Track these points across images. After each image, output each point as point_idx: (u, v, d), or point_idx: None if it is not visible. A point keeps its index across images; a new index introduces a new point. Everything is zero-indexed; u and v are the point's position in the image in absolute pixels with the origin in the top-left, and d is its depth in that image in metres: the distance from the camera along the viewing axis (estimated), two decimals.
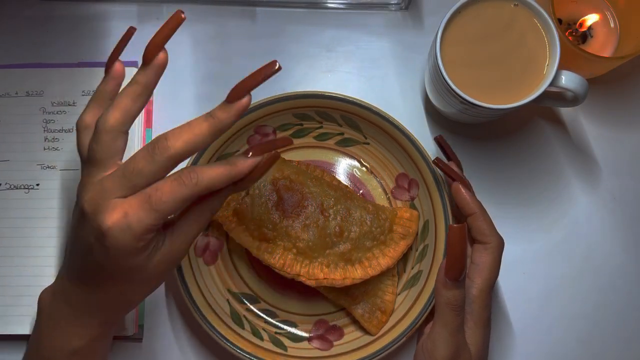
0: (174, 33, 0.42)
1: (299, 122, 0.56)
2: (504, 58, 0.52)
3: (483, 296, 0.48)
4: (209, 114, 0.40)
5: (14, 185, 0.57)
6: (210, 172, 0.40)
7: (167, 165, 0.39)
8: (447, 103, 0.53)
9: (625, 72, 0.59)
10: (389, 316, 0.54)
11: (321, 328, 0.55)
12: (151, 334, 0.56)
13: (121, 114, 0.40)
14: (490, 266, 0.48)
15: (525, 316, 0.57)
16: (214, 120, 0.40)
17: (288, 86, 0.59)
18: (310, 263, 0.51)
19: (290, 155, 0.57)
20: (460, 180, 0.51)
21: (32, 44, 0.60)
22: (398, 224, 0.54)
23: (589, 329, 0.57)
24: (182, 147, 0.39)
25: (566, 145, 0.59)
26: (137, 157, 0.39)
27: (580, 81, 0.50)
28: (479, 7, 0.52)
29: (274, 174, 0.53)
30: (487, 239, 0.49)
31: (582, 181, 0.58)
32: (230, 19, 0.60)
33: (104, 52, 0.60)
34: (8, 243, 0.56)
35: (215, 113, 0.40)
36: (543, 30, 0.51)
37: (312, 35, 0.60)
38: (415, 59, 0.60)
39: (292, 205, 0.52)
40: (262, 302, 0.55)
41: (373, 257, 0.52)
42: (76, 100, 0.57)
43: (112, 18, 0.60)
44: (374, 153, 0.57)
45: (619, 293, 0.57)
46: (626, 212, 0.58)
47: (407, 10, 0.60)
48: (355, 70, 0.60)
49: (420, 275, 0.54)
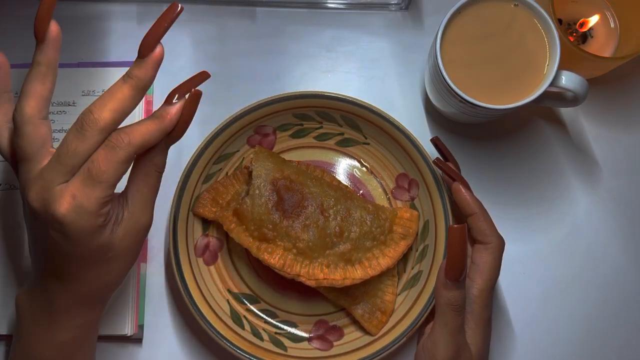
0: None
1: (299, 122, 0.56)
2: (504, 58, 0.52)
3: (484, 296, 0.48)
4: (126, 75, 0.40)
5: (14, 185, 0.57)
6: (141, 129, 0.39)
7: (99, 138, 0.39)
8: (447, 103, 0.53)
9: (625, 72, 0.59)
10: (389, 316, 0.54)
11: (321, 328, 0.55)
12: (151, 334, 0.56)
13: (35, 101, 0.40)
14: (491, 266, 0.48)
15: (525, 316, 0.57)
16: (133, 80, 0.39)
17: (288, 86, 0.59)
18: (310, 263, 0.51)
19: (290, 156, 0.57)
20: (460, 181, 0.51)
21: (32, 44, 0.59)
22: (398, 224, 0.54)
23: (589, 328, 0.57)
24: (110, 116, 0.39)
25: (566, 145, 0.59)
26: (68, 138, 0.39)
27: (580, 81, 0.50)
28: (479, 7, 0.52)
29: (274, 174, 0.53)
30: (488, 239, 0.49)
31: (582, 181, 0.58)
32: (230, 19, 0.60)
33: (104, 52, 0.60)
34: (8, 243, 0.56)
35: (132, 72, 0.40)
36: (543, 31, 0.51)
37: (312, 35, 0.60)
38: (415, 59, 0.60)
39: (292, 206, 0.52)
40: (262, 302, 0.55)
41: (373, 257, 0.52)
42: (76, 100, 0.57)
43: (112, 18, 0.60)
44: (374, 153, 0.57)
45: (619, 293, 0.57)
46: (626, 212, 0.58)
47: (407, 10, 0.60)
48: (355, 70, 0.60)
49: (421, 275, 0.54)
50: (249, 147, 0.56)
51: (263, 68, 0.59)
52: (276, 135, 0.57)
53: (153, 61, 0.40)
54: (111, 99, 0.39)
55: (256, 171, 0.52)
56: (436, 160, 0.51)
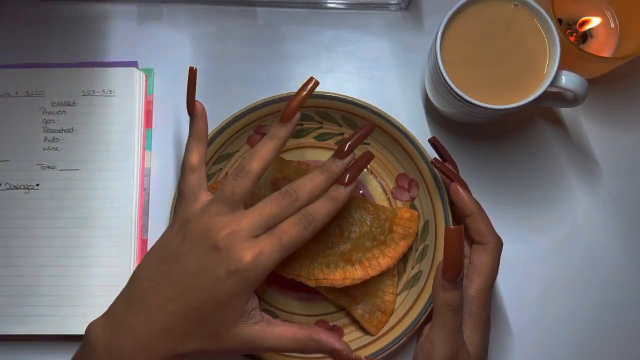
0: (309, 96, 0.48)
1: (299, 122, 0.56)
2: (504, 58, 0.52)
3: (482, 296, 0.48)
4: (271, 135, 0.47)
5: (14, 185, 0.57)
6: (322, 211, 0.46)
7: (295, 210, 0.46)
8: (447, 103, 0.53)
9: (625, 72, 0.59)
10: (389, 316, 0.54)
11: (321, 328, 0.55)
12: None
13: (261, 164, 0.46)
14: (489, 267, 0.48)
15: (524, 316, 0.57)
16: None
17: (288, 86, 0.59)
18: (310, 263, 0.51)
19: (290, 155, 0.57)
20: (458, 181, 0.51)
21: (32, 44, 0.60)
22: (398, 224, 0.54)
23: (589, 329, 0.57)
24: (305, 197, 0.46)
25: (566, 145, 0.59)
26: (272, 201, 0.45)
27: (580, 81, 0.50)
28: (479, 7, 0.52)
29: (274, 174, 0.53)
30: (486, 239, 0.49)
31: (582, 181, 0.58)
32: (230, 19, 0.60)
33: (104, 52, 0.60)
34: (8, 243, 0.56)
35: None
36: (543, 31, 0.51)
37: (312, 35, 0.60)
38: (415, 59, 0.60)
39: None
40: (262, 303, 0.55)
41: (373, 257, 0.52)
42: (76, 100, 0.57)
43: (112, 18, 0.60)
44: (374, 153, 0.57)
45: (619, 293, 0.57)
46: (626, 212, 0.58)
47: (407, 10, 0.60)
48: (355, 70, 0.60)
49: (420, 275, 0.54)
50: (249, 147, 0.56)
51: (263, 68, 0.59)
52: None
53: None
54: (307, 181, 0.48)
55: None
56: (434, 160, 0.51)
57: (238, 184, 0.45)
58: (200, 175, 0.48)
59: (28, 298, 0.55)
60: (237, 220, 0.44)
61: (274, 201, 0.46)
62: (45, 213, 0.56)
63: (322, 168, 0.48)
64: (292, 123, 0.47)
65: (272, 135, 0.47)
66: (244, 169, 0.46)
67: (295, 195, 0.46)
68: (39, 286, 0.55)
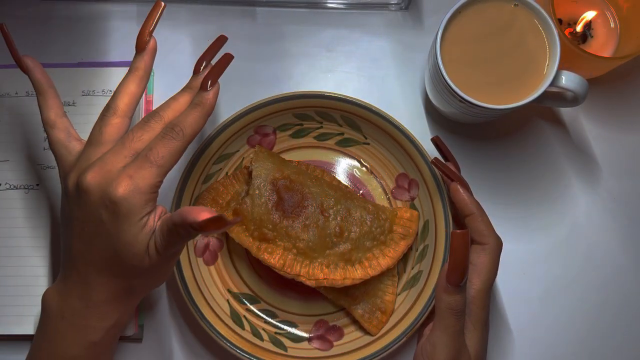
0: (158, 21, 0.47)
1: (299, 122, 0.56)
2: (504, 58, 0.52)
3: (481, 297, 0.47)
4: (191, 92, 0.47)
5: (14, 185, 0.57)
6: (190, 120, 0.44)
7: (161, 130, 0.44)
8: (447, 103, 0.53)
9: (625, 72, 0.59)
10: (389, 316, 0.54)
11: (321, 328, 0.55)
12: (151, 334, 0.56)
13: (129, 99, 0.45)
14: (488, 267, 0.48)
15: (524, 316, 0.57)
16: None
17: (288, 86, 0.59)
18: (310, 263, 0.51)
19: (290, 156, 0.57)
20: (459, 181, 0.51)
21: (32, 44, 0.60)
22: (398, 224, 0.54)
23: (589, 329, 0.57)
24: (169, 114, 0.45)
25: (566, 146, 0.59)
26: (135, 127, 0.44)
27: (580, 81, 0.50)
28: (479, 7, 0.52)
29: (274, 174, 0.53)
30: (485, 239, 0.49)
31: (582, 181, 0.58)
32: (230, 19, 0.60)
33: (104, 52, 0.60)
34: (8, 243, 0.56)
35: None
36: (543, 30, 0.51)
37: (312, 35, 0.60)
38: (415, 59, 0.60)
39: (292, 206, 0.52)
40: (262, 302, 0.55)
41: (373, 257, 0.52)
42: (76, 100, 0.57)
43: (112, 18, 0.60)
44: (374, 153, 0.57)
45: (619, 293, 0.57)
46: (626, 212, 0.58)
47: (407, 10, 0.60)
48: (355, 70, 0.60)
49: (421, 275, 0.54)
50: (249, 147, 0.56)
51: (263, 68, 0.59)
52: (276, 135, 0.57)
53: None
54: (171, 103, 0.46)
55: (256, 171, 0.52)
56: (434, 160, 0.51)
57: (105, 122, 0.45)
58: (61, 127, 0.47)
59: (28, 298, 0.55)
60: (103, 159, 0.43)
61: (137, 126, 0.44)
62: (46, 213, 0.56)
63: (184, 87, 0.47)
64: (148, 51, 0.46)
65: (132, 68, 0.46)
66: (110, 107, 0.45)
67: (159, 115, 0.45)
68: (39, 286, 0.55)
